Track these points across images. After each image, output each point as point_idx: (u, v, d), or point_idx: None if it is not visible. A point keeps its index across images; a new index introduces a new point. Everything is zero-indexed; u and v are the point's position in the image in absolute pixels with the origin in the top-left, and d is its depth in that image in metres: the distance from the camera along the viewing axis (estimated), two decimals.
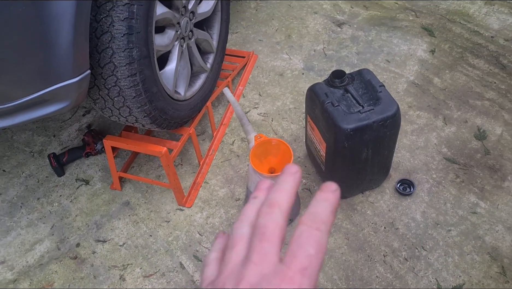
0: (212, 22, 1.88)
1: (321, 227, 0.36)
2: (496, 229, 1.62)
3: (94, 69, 1.32)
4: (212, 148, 1.92)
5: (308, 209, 0.38)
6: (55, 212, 1.80)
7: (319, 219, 0.37)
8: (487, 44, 2.30)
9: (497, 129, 1.93)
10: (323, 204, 0.38)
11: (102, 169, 1.92)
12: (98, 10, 1.25)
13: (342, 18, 2.53)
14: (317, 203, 0.38)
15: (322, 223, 0.37)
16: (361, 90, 1.55)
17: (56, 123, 2.12)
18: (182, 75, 1.69)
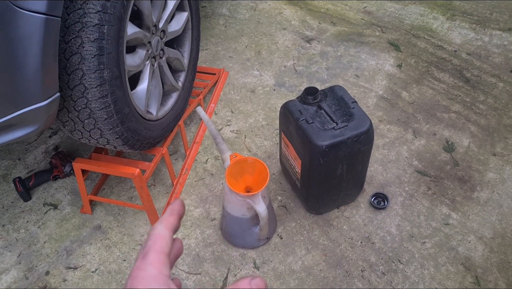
0: (183, 40, 1.87)
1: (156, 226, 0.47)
2: (469, 240, 1.66)
3: (63, 91, 1.28)
4: (186, 167, 1.89)
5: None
6: (22, 239, 1.72)
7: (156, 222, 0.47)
8: (451, 58, 2.38)
9: (464, 141, 1.98)
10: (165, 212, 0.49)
11: (71, 192, 1.85)
12: (67, 31, 1.22)
13: (311, 34, 2.56)
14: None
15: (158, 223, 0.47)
16: (334, 107, 1.56)
17: (21, 146, 2.05)
18: (154, 95, 1.66)
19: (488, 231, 1.68)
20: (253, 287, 0.43)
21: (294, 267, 1.60)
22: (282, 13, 2.72)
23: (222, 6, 2.79)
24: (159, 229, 0.46)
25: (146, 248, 0.44)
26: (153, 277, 0.42)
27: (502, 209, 1.74)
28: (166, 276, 0.43)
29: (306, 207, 1.74)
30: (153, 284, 0.41)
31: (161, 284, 0.42)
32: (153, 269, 0.42)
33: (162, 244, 0.45)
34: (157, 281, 0.42)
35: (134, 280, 0.42)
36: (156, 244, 0.44)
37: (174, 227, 0.48)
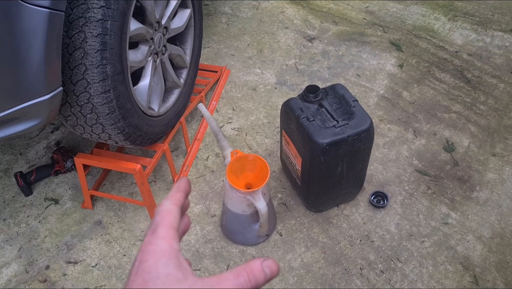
0: (185, 37, 1.87)
1: (163, 203, 0.48)
2: (467, 239, 1.66)
3: (66, 86, 1.29)
4: (186, 163, 1.90)
5: None
6: (22, 233, 1.73)
7: (164, 199, 0.49)
8: (452, 59, 2.39)
9: (465, 141, 1.99)
10: (171, 190, 0.50)
11: (72, 187, 1.86)
12: (70, 25, 1.23)
13: (313, 33, 2.57)
14: None
15: (166, 199, 0.49)
16: (335, 105, 1.57)
17: (22, 141, 2.05)
18: (156, 91, 1.67)
19: (487, 231, 1.68)
20: (265, 269, 0.43)
21: (293, 264, 1.60)
22: (284, 12, 2.72)
23: (224, 4, 2.80)
24: (166, 205, 0.47)
25: (155, 223, 0.45)
26: (164, 251, 0.42)
27: (501, 209, 1.74)
28: (176, 250, 0.43)
29: (306, 205, 1.75)
30: (164, 258, 0.42)
31: (172, 257, 0.42)
32: (164, 243, 0.43)
33: (171, 219, 0.45)
34: (167, 254, 0.42)
35: (145, 253, 0.42)
36: (164, 219, 0.45)
37: (181, 203, 0.48)
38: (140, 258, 0.42)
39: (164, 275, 0.41)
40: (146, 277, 0.40)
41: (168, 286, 0.40)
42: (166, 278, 0.40)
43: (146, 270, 0.41)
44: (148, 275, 0.41)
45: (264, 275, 0.43)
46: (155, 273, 0.41)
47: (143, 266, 0.41)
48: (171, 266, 0.41)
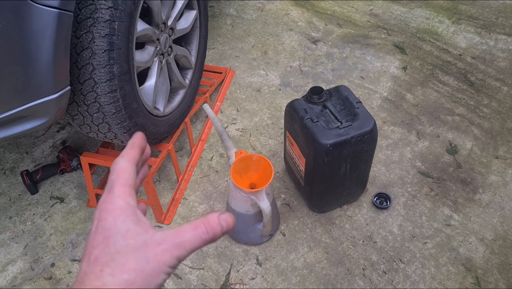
0: (191, 38, 1.89)
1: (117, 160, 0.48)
2: (470, 241, 1.67)
3: (73, 85, 1.31)
4: (191, 164, 1.92)
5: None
6: (28, 231, 1.75)
7: (118, 156, 0.49)
8: (456, 62, 2.40)
9: (467, 143, 1.99)
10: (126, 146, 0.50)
11: (78, 186, 1.88)
12: (78, 26, 1.24)
13: (317, 36, 2.58)
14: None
15: (120, 157, 0.49)
16: (339, 106, 1.58)
17: (28, 140, 2.07)
18: (162, 91, 1.69)
19: (489, 233, 1.69)
20: (222, 222, 0.45)
21: (296, 264, 1.62)
22: (289, 14, 2.74)
23: (229, 6, 2.81)
24: (121, 163, 0.47)
25: (110, 182, 0.46)
26: (121, 208, 0.43)
27: (504, 212, 1.75)
28: (133, 206, 0.44)
29: (309, 205, 1.76)
30: (122, 215, 0.43)
31: (129, 214, 0.43)
32: (120, 200, 0.44)
33: (125, 176, 0.46)
34: (124, 211, 0.43)
35: (103, 212, 0.43)
36: (119, 178, 0.46)
37: (135, 160, 0.49)
38: (99, 216, 0.43)
39: (124, 230, 0.42)
40: (107, 234, 0.42)
41: (129, 240, 0.41)
42: (127, 233, 0.42)
43: (106, 227, 0.42)
44: (109, 232, 0.42)
45: (221, 228, 0.45)
46: (114, 229, 0.42)
47: (102, 223, 0.42)
48: (129, 221, 0.43)
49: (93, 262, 0.41)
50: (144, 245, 0.41)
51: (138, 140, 0.50)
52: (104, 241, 0.41)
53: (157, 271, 0.41)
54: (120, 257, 0.40)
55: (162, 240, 0.42)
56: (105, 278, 0.39)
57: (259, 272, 1.60)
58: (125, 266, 0.40)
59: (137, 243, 0.41)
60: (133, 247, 0.41)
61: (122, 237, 0.41)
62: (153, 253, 0.41)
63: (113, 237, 0.41)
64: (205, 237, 0.44)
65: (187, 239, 0.43)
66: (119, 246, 0.41)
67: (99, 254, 0.41)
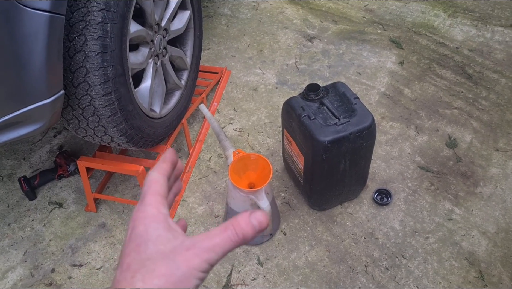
0: (186, 39, 1.88)
1: (149, 173, 0.50)
2: (472, 234, 1.66)
3: (67, 89, 1.30)
4: (189, 165, 1.90)
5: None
6: (27, 238, 1.73)
7: (150, 171, 0.50)
8: (453, 55, 2.38)
9: (467, 137, 1.98)
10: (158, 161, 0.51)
11: (76, 191, 1.86)
12: (71, 29, 1.23)
13: (313, 33, 2.57)
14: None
15: (151, 170, 0.50)
16: (336, 103, 1.57)
17: (25, 145, 2.06)
18: (157, 93, 1.67)
19: (492, 226, 1.68)
20: (252, 221, 0.44)
21: (298, 263, 1.60)
22: (284, 12, 2.73)
23: (224, 5, 2.80)
24: (152, 175, 0.48)
25: (143, 193, 0.47)
26: (152, 216, 0.44)
27: (506, 204, 1.74)
28: (164, 215, 0.45)
29: (309, 204, 1.75)
30: (154, 222, 0.44)
31: (161, 221, 0.44)
32: (152, 208, 0.45)
33: (157, 187, 0.47)
34: (156, 219, 0.44)
35: (136, 221, 0.44)
36: (151, 188, 0.47)
37: (167, 173, 0.50)
38: (132, 226, 0.44)
39: (154, 237, 0.43)
40: (138, 241, 0.42)
41: (159, 246, 0.42)
42: (157, 239, 0.42)
43: (138, 235, 0.43)
44: (140, 239, 0.43)
45: (252, 228, 0.44)
46: (146, 236, 0.43)
47: (135, 232, 0.43)
48: (161, 228, 0.43)
49: (126, 269, 0.41)
50: (174, 250, 0.42)
51: (170, 156, 0.52)
52: (136, 248, 0.42)
53: (188, 276, 0.41)
54: (150, 263, 0.41)
55: (191, 245, 0.42)
56: (136, 284, 0.40)
57: (260, 272, 1.59)
58: (155, 272, 0.40)
59: (167, 249, 0.42)
60: (163, 253, 0.42)
61: (152, 244, 0.42)
62: (183, 259, 0.41)
63: (144, 244, 0.42)
64: (235, 239, 0.43)
65: (217, 243, 0.42)
66: (149, 252, 0.42)
67: (131, 261, 0.42)
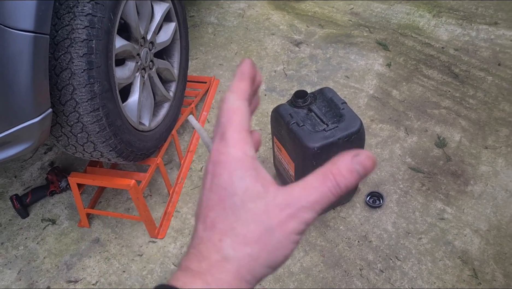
0: (172, 50, 1.88)
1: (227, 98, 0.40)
2: (464, 233, 1.67)
3: (55, 106, 1.30)
4: (181, 176, 1.91)
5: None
6: (21, 256, 1.72)
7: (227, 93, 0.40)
8: (439, 55, 2.41)
9: (456, 136, 2.00)
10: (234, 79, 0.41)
11: (69, 207, 1.86)
12: (56, 47, 1.23)
13: (299, 38, 2.59)
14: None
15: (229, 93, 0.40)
16: (324, 109, 1.58)
17: (16, 163, 2.05)
18: (146, 106, 1.68)
19: (484, 224, 1.69)
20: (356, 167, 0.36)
21: (293, 269, 1.61)
22: (270, 18, 2.74)
23: (210, 14, 2.81)
24: (231, 101, 0.39)
25: (222, 126, 0.38)
26: (238, 160, 0.37)
27: (497, 201, 1.76)
28: (251, 158, 0.37)
29: None
30: (239, 169, 0.36)
31: (247, 168, 0.37)
32: (236, 151, 0.37)
33: (239, 118, 0.38)
34: (242, 165, 0.37)
35: (217, 166, 0.37)
36: (232, 121, 0.38)
37: (248, 94, 0.40)
38: (213, 171, 0.37)
39: (242, 190, 0.36)
40: (222, 194, 0.36)
41: (247, 203, 0.36)
42: (245, 194, 0.36)
43: (221, 186, 0.36)
44: (224, 192, 0.36)
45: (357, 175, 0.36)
46: (231, 189, 0.36)
47: (216, 180, 0.37)
48: (248, 178, 0.36)
49: (210, 227, 0.36)
50: (265, 210, 0.35)
51: (247, 69, 0.41)
52: (220, 203, 0.36)
53: (284, 241, 0.35)
54: (240, 226, 0.35)
55: (286, 204, 0.35)
56: (226, 251, 0.35)
57: None
58: (246, 238, 0.35)
59: (258, 209, 0.35)
60: (253, 213, 0.35)
61: (240, 199, 0.36)
62: (277, 221, 0.35)
63: (230, 198, 0.36)
64: (336, 191, 0.36)
65: (316, 199, 0.35)
66: (237, 211, 0.36)
67: (215, 218, 0.36)
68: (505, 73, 2.27)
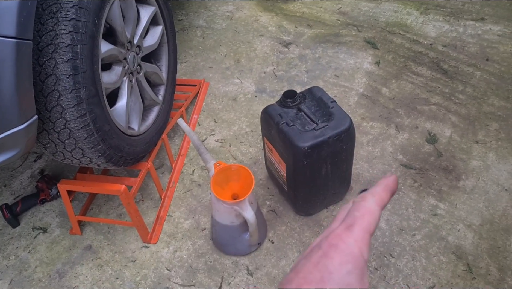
0: (160, 54, 1.87)
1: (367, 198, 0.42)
2: (458, 228, 1.67)
3: (41, 113, 1.28)
4: (172, 180, 1.89)
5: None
6: (12, 266, 1.70)
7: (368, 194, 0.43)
8: (427, 52, 2.41)
9: (446, 131, 2.00)
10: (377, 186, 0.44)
11: (60, 214, 1.84)
12: (40, 53, 1.22)
13: (288, 38, 2.59)
14: (372, 186, 0.45)
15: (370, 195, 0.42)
16: (314, 108, 1.57)
17: (6, 172, 2.03)
18: (134, 110, 1.67)
19: (476, 218, 1.69)
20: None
21: (288, 270, 1.60)
22: (259, 20, 2.74)
23: (198, 17, 2.81)
24: (371, 203, 0.41)
25: (352, 218, 0.40)
26: (353, 256, 0.38)
27: (489, 196, 1.76)
28: (365, 260, 0.38)
29: (295, 210, 1.75)
30: (351, 263, 0.37)
31: (358, 266, 0.37)
32: (356, 247, 0.38)
33: (370, 220, 0.40)
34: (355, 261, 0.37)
35: (332, 249, 0.38)
36: (364, 219, 0.40)
37: (384, 204, 0.43)
38: (326, 251, 0.38)
39: (345, 283, 0.36)
40: (326, 276, 0.37)
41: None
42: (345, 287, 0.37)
43: (328, 269, 0.37)
44: (329, 275, 0.37)
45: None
46: (336, 277, 0.37)
47: (325, 261, 0.37)
48: (354, 276, 0.37)
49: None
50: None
51: (392, 185, 0.45)
52: (320, 283, 0.36)
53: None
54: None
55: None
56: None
57: (250, 282, 1.58)
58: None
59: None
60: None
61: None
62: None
63: (330, 283, 0.36)
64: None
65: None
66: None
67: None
68: (493, 68, 2.28)
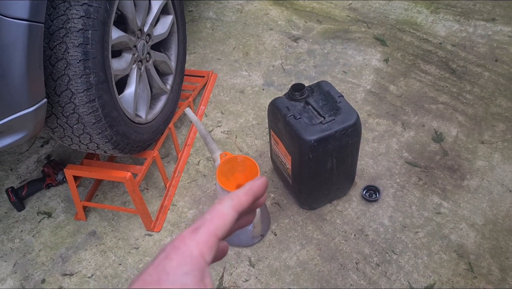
0: (169, 43, 1.88)
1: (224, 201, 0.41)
2: (460, 227, 1.67)
3: (50, 97, 1.29)
4: (178, 169, 1.90)
5: None
6: (16, 249, 1.72)
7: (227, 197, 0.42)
8: (436, 51, 2.40)
9: (453, 130, 2.00)
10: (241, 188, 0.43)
11: (65, 200, 1.86)
12: (51, 37, 1.23)
13: (298, 33, 2.58)
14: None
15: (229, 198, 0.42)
16: (321, 102, 1.57)
17: (12, 156, 2.05)
18: (142, 98, 1.67)
19: (480, 218, 1.69)
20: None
21: (289, 263, 1.61)
22: (268, 14, 2.74)
23: (208, 9, 2.81)
24: (225, 206, 0.41)
25: (201, 221, 0.40)
26: (192, 257, 0.38)
27: (492, 196, 1.76)
28: (204, 262, 0.38)
29: (299, 203, 1.75)
30: (188, 265, 0.37)
31: (196, 268, 0.37)
32: (196, 249, 0.38)
33: (219, 224, 0.40)
34: (193, 263, 0.37)
35: (173, 251, 0.38)
36: (212, 223, 0.40)
37: (243, 210, 0.42)
38: (168, 253, 0.38)
39: (180, 284, 0.36)
40: (163, 277, 0.37)
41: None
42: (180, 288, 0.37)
43: (166, 270, 0.37)
44: (165, 276, 0.37)
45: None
46: (172, 278, 0.37)
47: (165, 263, 0.38)
48: (192, 277, 0.37)
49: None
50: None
51: (257, 188, 0.43)
52: (157, 284, 0.36)
53: None
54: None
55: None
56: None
57: (252, 274, 1.59)
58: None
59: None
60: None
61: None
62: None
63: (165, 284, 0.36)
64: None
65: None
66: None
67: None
68: (502, 69, 2.27)
